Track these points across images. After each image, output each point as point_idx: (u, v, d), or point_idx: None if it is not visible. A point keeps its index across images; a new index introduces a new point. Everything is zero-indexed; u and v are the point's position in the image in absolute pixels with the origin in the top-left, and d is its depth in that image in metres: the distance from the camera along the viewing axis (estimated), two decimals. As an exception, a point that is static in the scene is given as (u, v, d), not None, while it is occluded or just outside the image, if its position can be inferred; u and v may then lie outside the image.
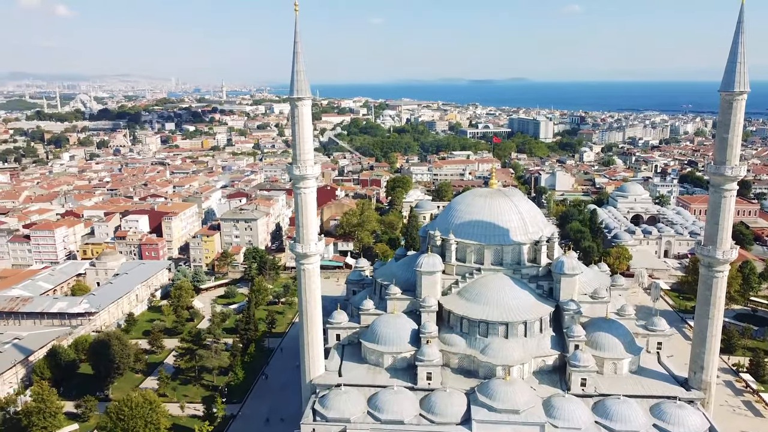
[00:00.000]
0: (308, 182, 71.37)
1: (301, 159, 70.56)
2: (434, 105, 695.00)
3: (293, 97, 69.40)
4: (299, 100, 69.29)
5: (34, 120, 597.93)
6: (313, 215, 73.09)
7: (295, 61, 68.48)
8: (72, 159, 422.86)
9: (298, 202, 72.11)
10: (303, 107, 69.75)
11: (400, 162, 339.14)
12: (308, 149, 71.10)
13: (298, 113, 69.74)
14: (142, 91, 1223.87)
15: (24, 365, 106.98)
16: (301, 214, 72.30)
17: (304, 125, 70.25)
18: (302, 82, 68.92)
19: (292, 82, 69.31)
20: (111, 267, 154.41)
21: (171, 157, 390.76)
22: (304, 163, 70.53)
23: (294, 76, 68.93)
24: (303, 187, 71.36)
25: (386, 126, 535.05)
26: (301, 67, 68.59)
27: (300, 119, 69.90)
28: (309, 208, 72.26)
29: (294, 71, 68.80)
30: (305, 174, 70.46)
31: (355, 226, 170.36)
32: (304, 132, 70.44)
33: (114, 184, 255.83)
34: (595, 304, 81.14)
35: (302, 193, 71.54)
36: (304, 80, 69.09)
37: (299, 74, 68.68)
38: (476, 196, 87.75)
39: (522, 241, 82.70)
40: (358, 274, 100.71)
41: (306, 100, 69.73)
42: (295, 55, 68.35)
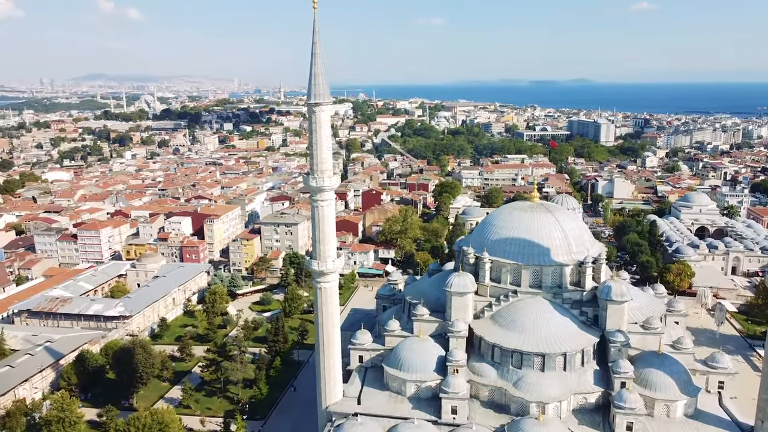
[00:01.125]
0: (325, 194, 65.91)
1: (318, 169, 65.18)
2: (491, 106, 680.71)
3: (311, 102, 64.11)
4: (317, 105, 63.93)
5: (102, 119, 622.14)
6: (331, 230, 67.61)
7: (313, 63, 63.17)
8: (133, 158, 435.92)
9: (315, 215, 66.80)
10: (321, 113, 64.35)
11: (452, 165, 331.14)
12: (326, 158, 65.64)
13: (316, 120, 64.39)
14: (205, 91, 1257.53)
15: (54, 369, 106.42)
16: (318, 229, 66.96)
17: (322, 133, 64.83)
18: (320, 86, 63.52)
19: (310, 86, 64.04)
20: (151, 269, 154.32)
21: (225, 158, 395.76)
22: (321, 174, 65.11)
23: (311, 80, 63.64)
24: (320, 200, 65.96)
25: (440, 128, 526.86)
26: (319, 70, 63.20)
27: (318, 126, 64.53)
28: (326, 222, 66.85)
29: (311, 74, 63.50)
30: (322, 186, 65.04)
31: (397, 233, 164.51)
32: (322, 140, 65.03)
33: (165, 184, 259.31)
34: (646, 335, 72.26)
35: (319, 206, 66.16)
36: (322, 84, 63.68)
37: (317, 77, 63.31)
38: (515, 210, 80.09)
39: (564, 262, 74.61)
40: (390, 289, 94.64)
41: (324, 106, 64.28)
42: (313, 56, 63.04)
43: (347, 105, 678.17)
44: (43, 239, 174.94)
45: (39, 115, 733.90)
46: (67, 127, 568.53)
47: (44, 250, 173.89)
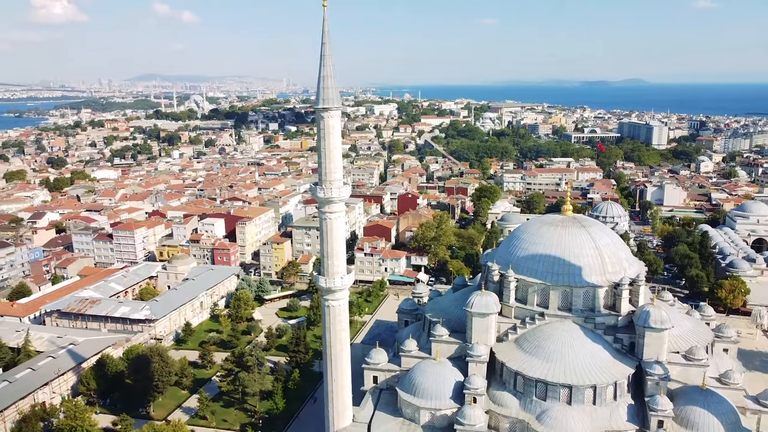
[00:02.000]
0: (334, 206, 61.48)
1: (326, 179, 60.83)
2: (539, 107, 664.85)
3: (319, 107, 59.79)
4: (326, 110, 59.57)
5: (153, 119, 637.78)
6: (340, 244, 63.18)
7: (322, 65, 58.83)
8: (180, 157, 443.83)
9: (323, 228, 62.48)
10: (330, 119, 59.96)
11: (494, 168, 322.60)
12: (336, 168, 61.21)
13: (325, 126, 60.05)
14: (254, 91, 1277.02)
15: (75, 372, 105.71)
16: (327, 243, 62.62)
17: (331, 140, 60.46)
18: (329, 89, 59.12)
19: (319, 90, 59.73)
20: (181, 271, 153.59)
21: (268, 158, 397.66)
22: (330, 185, 60.73)
23: (320, 83, 59.34)
24: (328, 212, 61.61)
25: (485, 129, 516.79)
26: (328, 72, 58.80)
27: (327, 133, 60.18)
28: (335, 235, 62.44)
29: (320, 76, 59.20)
30: (331, 197, 60.64)
31: (430, 240, 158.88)
32: (331, 147, 60.66)
33: (205, 184, 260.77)
34: (689, 366, 65.01)
35: (328, 218, 61.82)
36: (332, 87, 59.28)
37: (326, 80, 58.94)
38: (544, 224, 73.76)
39: (598, 283, 68.00)
40: (412, 303, 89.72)
41: (334, 111, 59.88)
42: (322, 58, 58.71)
43: (392, 105, 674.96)
44: (80, 238, 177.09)
45: (96, 114, 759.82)
46: (120, 126, 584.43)
47: (81, 249, 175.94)
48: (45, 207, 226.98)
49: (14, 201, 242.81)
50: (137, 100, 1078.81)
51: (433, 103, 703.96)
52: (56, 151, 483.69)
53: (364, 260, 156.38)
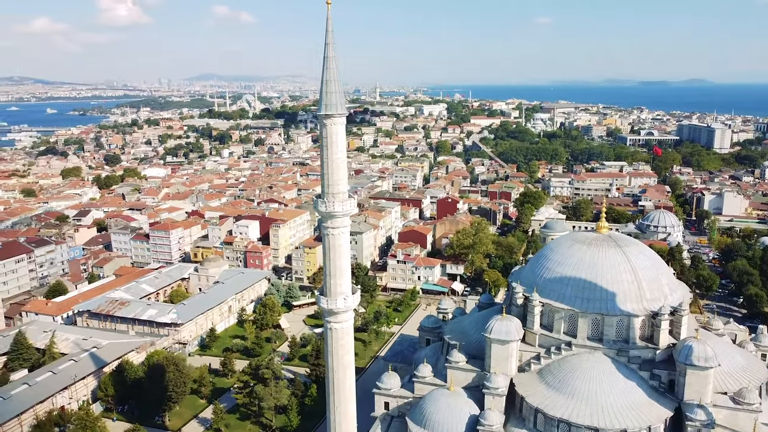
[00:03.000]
0: (337, 221, 56.52)
1: (329, 192, 55.94)
2: (593, 108, 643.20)
3: (321, 113, 55.00)
4: (328, 117, 54.69)
5: (206, 118, 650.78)
6: (344, 262, 58.17)
7: (325, 68, 53.98)
8: (230, 155, 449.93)
9: (325, 244, 57.66)
10: (333, 126, 55.03)
11: (542, 171, 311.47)
12: (339, 180, 56.19)
13: (328, 134, 55.18)
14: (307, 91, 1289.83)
15: (96, 377, 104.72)
16: (329, 260, 57.76)
17: (334, 149, 55.53)
18: (333, 94, 54.21)
19: (321, 95, 54.93)
20: (212, 274, 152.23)
21: (313, 158, 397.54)
22: (333, 198, 55.81)
23: (323, 87, 54.51)
24: (330, 227, 56.71)
25: (536, 130, 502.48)
26: (332, 76, 53.90)
27: (330, 142, 55.30)
28: (339, 252, 57.47)
29: (323, 80, 54.39)
30: (333, 211, 55.72)
31: (467, 248, 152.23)
32: (334, 158, 55.72)
33: (246, 184, 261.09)
34: (738, 411, 56.95)
35: (330, 234, 56.93)
36: (335, 92, 54.36)
37: (329, 84, 54.06)
38: (575, 242, 66.65)
39: (633, 312, 60.66)
40: (435, 320, 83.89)
41: (337, 118, 54.91)
42: (325, 60, 53.88)
43: (441, 106, 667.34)
44: (118, 237, 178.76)
45: (154, 113, 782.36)
46: (174, 124, 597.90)
47: (120, 248, 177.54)
48: (91, 204, 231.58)
49: (64, 198, 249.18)
50: (193, 99, 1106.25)
51: (484, 103, 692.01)
52: (113, 148, 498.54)
53: (396, 267, 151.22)
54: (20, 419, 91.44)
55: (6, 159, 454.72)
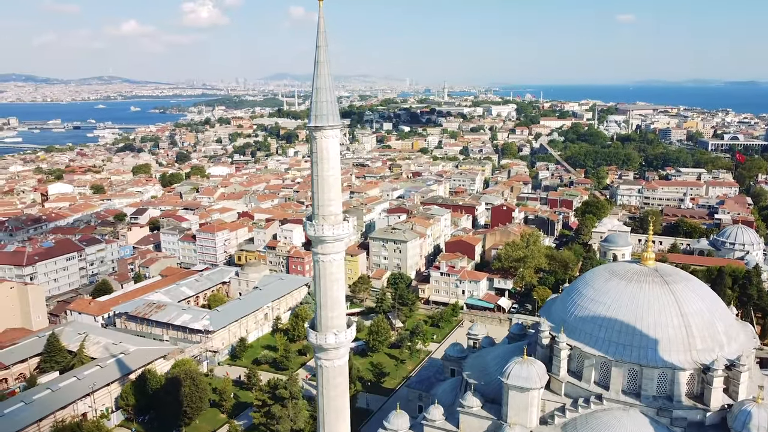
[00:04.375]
0: (328, 247, 50.01)
1: (319, 214, 49.54)
2: (673, 110, 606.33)
3: (311, 125, 48.65)
4: (318, 129, 48.24)
5: (275, 117, 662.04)
6: (336, 292, 51.63)
7: (316, 74, 47.62)
8: (295, 155, 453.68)
9: (316, 272, 51.29)
10: (324, 140, 48.52)
11: (611, 177, 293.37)
12: (331, 200, 49.67)
13: (318, 148, 48.77)
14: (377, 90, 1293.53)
15: (121, 384, 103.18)
16: (319, 290, 51.41)
17: (325, 166, 49.05)
18: (324, 104, 47.70)
19: (311, 104, 48.57)
20: (252, 279, 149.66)
21: (374, 159, 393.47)
22: (323, 221, 49.36)
23: (313, 95, 48.11)
24: (320, 254, 50.28)
25: (609, 133, 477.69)
26: (323, 83, 47.43)
27: (320, 157, 48.87)
28: (330, 282, 50.96)
29: (313, 88, 48.00)
30: (322, 236, 49.29)
31: (516, 261, 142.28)
32: (325, 175, 49.23)
33: (301, 186, 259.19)
34: (808, 495, 46.28)
35: (320, 261, 50.53)
36: (327, 101, 47.83)
37: (320, 92, 47.63)
38: (614, 276, 57.20)
39: (679, 364, 50.88)
40: (460, 349, 76.27)
41: (328, 130, 48.34)
42: (316, 65, 47.52)
43: (510, 106, 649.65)
44: (168, 237, 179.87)
45: (228, 112, 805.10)
46: (245, 123, 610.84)
47: (168, 248, 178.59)
48: (150, 203, 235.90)
49: (126, 195, 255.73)
50: (266, 99, 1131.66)
51: (555, 104, 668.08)
52: (186, 146, 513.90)
53: (440, 280, 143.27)
54: (39, 425, 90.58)
55: (87, 155, 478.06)
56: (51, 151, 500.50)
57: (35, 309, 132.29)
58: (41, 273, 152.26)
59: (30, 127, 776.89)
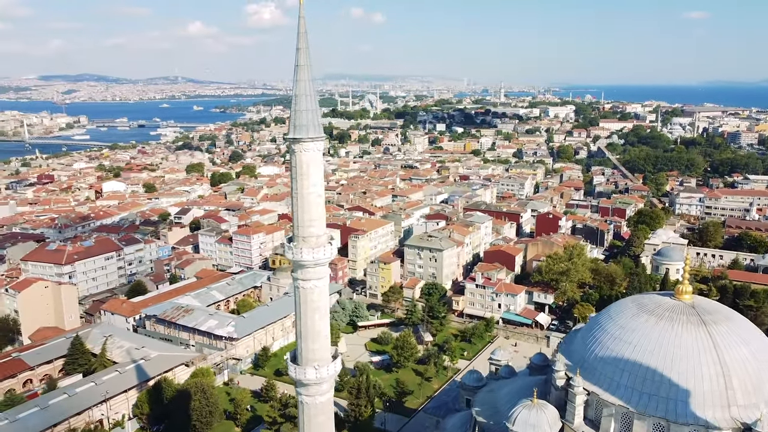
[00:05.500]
0: (308, 272, 44.99)
1: (299, 235, 44.60)
2: (744, 112, 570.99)
3: (289, 137, 43.75)
4: (296, 141, 43.28)
5: (328, 117, 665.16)
6: (318, 323, 46.57)
7: (296, 80, 42.71)
8: (346, 155, 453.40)
9: (296, 299, 46.37)
10: (304, 154, 43.54)
11: (671, 184, 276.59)
12: (312, 220, 44.63)
13: (297, 162, 43.85)
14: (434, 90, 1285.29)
15: (138, 390, 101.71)
16: (299, 320, 46.48)
17: (306, 182, 44.04)
18: (303, 113, 42.73)
19: (291, 114, 43.65)
20: (283, 284, 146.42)
21: (423, 161, 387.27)
22: (303, 243, 44.35)
23: (294, 104, 43.18)
24: (300, 279, 45.30)
25: (672, 136, 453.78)
26: (304, 90, 42.46)
27: (300, 173, 43.91)
28: (310, 311, 45.94)
29: (293, 96, 43.06)
30: (301, 260, 44.32)
31: (558, 274, 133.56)
32: (306, 192, 44.22)
33: (345, 188, 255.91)
34: None
35: (300, 287, 45.54)
36: (308, 110, 42.84)
37: (300, 100, 42.73)
38: (642, 311, 49.65)
39: (715, 422, 43.10)
40: (477, 378, 69.75)
41: (308, 143, 43.30)
42: (296, 70, 42.58)
43: (569, 107, 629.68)
44: (205, 239, 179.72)
45: (285, 111, 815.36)
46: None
47: (206, 250, 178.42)
48: (194, 202, 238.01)
49: (173, 194, 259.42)
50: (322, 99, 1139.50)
51: (617, 105, 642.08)
52: (241, 145, 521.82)
53: (475, 292, 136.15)
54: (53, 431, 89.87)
55: (148, 153, 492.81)
56: (115, 148, 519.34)
57: (68, 308, 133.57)
58: (80, 272, 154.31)
59: (98, 125, 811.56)
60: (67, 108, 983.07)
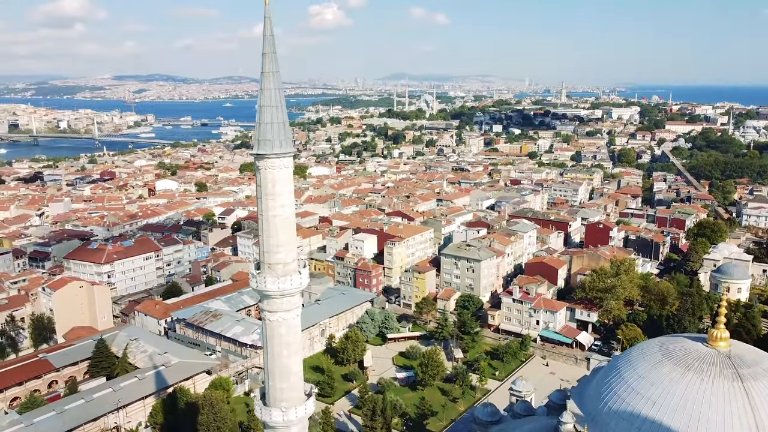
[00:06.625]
0: (274, 304, 40.34)
1: (264, 262, 39.99)
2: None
3: (252, 152, 39.15)
4: (261, 158, 38.64)
5: (384, 117, 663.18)
6: (287, 360, 41.87)
7: (262, 88, 38.04)
8: (399, 156, 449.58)
9: (263, 332, 41.82)
10: (269, 171, 38.84)
11: (740, 192, 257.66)
12: (279, 245, 39.89)
13: (261, 180, 39.20)
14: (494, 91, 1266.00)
15: (156, 398, 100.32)
16: (267, 356, 41.92)
17: (272, 203, 39.40)
18: (268, 126, 38.04)
19: (256, 127, 39.05)
20: (315, 291, 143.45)
21: (475, 163, 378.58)
22: (269, 270, 39.68)
23: (258, 116, 38.56)
24: (267, 311, 40.71)
25: (746, 140, 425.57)
26: (269, 100, 37.80)
27: (264, 193, 39.27)
28: (278, 346, 41.31)
29: (258, 106, 38.45)
30: (265, 290, 39.69)
31: (603, 291, 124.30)
32: (271, 215, 39.51)
33: (390, 191, 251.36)
34: None
35: (267, 320, 40.98)
36: (274, 123, 38.11)
37: (264, 112, 38.09)
38: (668, 359, 42.29)
39: (746, 502, 35.71)
40: (491, 412, 63.55)
41: (273, 159, 38.55)
42: (262, 77, 37.93)
43: (634, 109, 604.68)
44: (244, 241, 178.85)
45: (343, 111, 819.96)
46: (354, 123, 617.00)
47: (244, 252, 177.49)
48: (239, 203, 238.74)
49: (221, 194, 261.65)
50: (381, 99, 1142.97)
51: (685, 106, 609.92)
52: (297, 144, 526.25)
53: (512, 307, 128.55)
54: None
55: (207, 151, 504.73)
56: (176, 146, 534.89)
57: (101, 309, 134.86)
58: (118, 271, 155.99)
59: (164, 123, 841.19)
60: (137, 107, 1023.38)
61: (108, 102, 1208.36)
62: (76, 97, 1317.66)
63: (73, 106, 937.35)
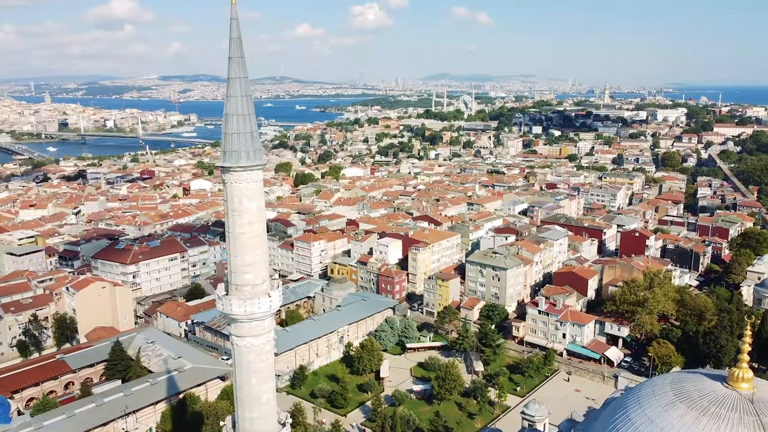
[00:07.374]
0: (242, 328, 37.39)
1: (231, 283, 37.10)
2: None
3: (219, 165, 36.28)
4: (227, 171, 35.74)
5: (422, 118, 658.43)
6: (257, 390, 38.87)
7: (229, 95, 35.14)
8: (436, 158, 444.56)
9: (233, 359, 38.87)
10: (235, 185, 35.96)
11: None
12: (246, 265, 37.05)
13: (229, 195, 36.29)
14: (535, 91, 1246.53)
15: (167, 404, 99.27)
16: (236, 384, 38.94)
17: (237, 220, 36.55)
18: (235, 136, 35.19)
19: (222, 137, 36.17)
20: (336, 296, 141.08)
21: (512, 165, 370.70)
22: (234, 293, 36.75)
23: (224, 125, 35.69)
24: (236, 336, 37.82)
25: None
26: (235, 108, 34.91)
27: (231, 207, 36.43)
28: (246, 374, 38.35)
29: (224, 114, 35.56)
30: (231, 314, 36.79)
31: (634, 305, 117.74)
32: (240, 231, 36.58)
33: (421, 193, 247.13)
34: None
35: (235, 345, 38.08)
36: (240, 133, 35.19)
37: (230, 121, 35.17)
38: (682, 400, 37.48)
39: None
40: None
41: (240, 173, 35.60)
42: (228, 84, 35.01)
43: (680, 110, 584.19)
44: (268, 243, 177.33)
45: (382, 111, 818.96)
46: (392, 123, 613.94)
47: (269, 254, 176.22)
48: (269, 204, 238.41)
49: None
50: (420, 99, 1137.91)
51: (735, 108, 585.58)
52: (334, 145, 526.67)
53: (537, 319, 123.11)
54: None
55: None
56: (216, 146, 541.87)
57: (122, 310, 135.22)
58: (143, 272, 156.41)
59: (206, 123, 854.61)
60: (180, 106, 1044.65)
61: (154, 101, 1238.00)
62: (124, 97, 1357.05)
63: (121, 106, 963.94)
